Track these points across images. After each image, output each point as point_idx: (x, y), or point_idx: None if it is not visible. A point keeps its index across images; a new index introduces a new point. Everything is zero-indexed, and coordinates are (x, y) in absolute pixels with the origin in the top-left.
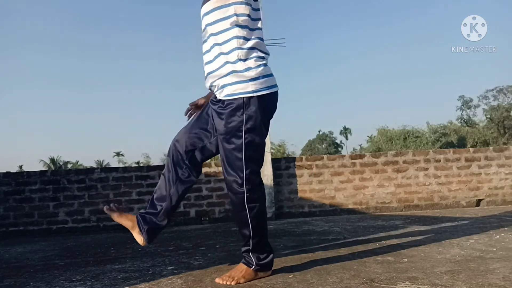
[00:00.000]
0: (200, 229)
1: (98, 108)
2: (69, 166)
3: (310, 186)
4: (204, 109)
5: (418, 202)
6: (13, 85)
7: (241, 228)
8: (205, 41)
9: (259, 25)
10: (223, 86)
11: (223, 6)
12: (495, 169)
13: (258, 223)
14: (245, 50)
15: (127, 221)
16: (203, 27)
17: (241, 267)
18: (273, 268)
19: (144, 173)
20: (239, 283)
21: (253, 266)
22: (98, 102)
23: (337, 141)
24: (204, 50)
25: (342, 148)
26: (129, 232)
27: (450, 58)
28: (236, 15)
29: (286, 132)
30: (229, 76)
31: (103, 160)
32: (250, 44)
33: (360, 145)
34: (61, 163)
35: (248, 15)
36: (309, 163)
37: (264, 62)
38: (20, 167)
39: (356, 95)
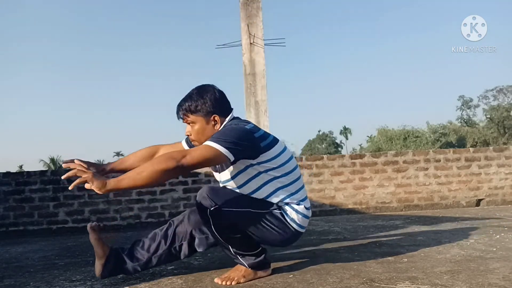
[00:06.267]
0: None
1: (98, 108)
2: None
3: (310, 186)
4: None
5: (418, 202)
6: (14, 86)
7: (215, 238)
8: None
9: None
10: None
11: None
12: (495, 169)
13: (227, 235)
14: (290, 197)
15: (100, 249)
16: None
17: (240, 267)
18: (273, 268)
19: None
20: (239, 282)
21: (249, 268)
22: (98, 102)
23: (337, 141)
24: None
25: (342, 148)
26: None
27: (450, 58)
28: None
29: (285, 132)
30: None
31: (103, 160)
32: (291, 189)
33: (360, 145)
34: (61, 163)
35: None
36: (309, 163)
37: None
38: (20, 167)
39: (356, 94)
